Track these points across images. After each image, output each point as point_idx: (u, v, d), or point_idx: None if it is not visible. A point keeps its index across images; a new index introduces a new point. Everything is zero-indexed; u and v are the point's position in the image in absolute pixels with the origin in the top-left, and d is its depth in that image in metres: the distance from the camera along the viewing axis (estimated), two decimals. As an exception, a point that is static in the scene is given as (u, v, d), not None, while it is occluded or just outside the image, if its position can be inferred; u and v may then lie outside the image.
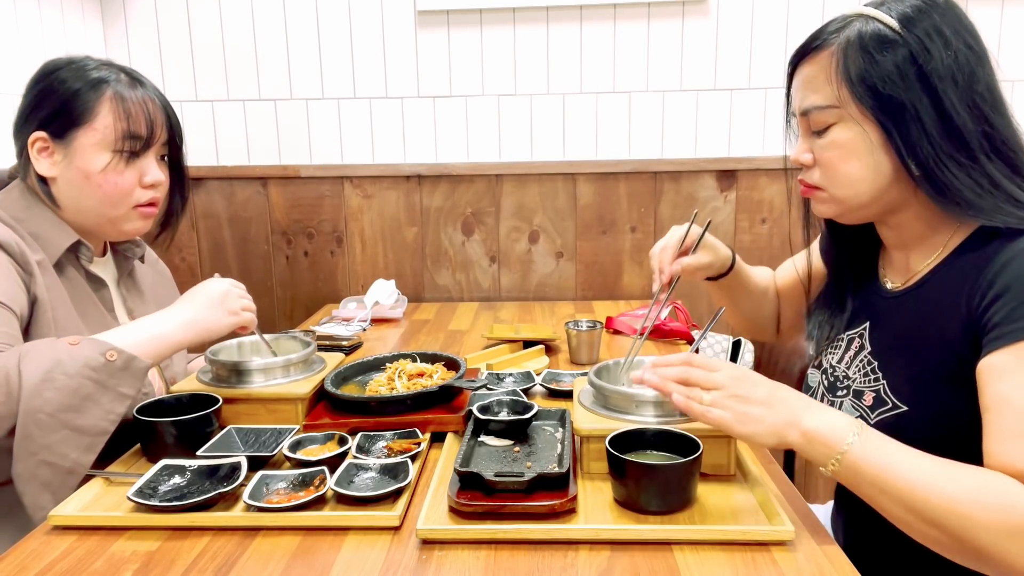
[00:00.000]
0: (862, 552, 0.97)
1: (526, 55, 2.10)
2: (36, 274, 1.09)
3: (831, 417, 0.83)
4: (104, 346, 0.99)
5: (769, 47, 2.06)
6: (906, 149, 0.87)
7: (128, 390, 1.00)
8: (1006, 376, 0.79)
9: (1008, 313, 0.80)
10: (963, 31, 0.88)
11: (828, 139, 0.93)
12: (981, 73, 0.88)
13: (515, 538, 0.84)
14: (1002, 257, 0.83)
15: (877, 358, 0.98)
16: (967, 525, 0.74)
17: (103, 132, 1.14)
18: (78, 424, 0.95)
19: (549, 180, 2.16)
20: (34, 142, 1.14)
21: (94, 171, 1.14)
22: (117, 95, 1.14)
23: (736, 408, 0.84)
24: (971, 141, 0.86)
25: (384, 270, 2.23)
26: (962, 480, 0.76)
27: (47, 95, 1.14)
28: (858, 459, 0.79)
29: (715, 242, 1.22)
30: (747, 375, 0.88)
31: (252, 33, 2.12)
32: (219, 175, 2.18)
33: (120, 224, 1.20)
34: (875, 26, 0.89)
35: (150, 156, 1.19)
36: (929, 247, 0.95)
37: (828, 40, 0.92)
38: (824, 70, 0.91)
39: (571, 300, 2.21)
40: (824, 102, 0.92)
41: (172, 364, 1.33)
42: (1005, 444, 0.77)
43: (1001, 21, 2.02)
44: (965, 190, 0.86)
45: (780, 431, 0.83)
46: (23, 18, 1.80)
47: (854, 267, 1.09)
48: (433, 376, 1.22)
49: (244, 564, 0.81)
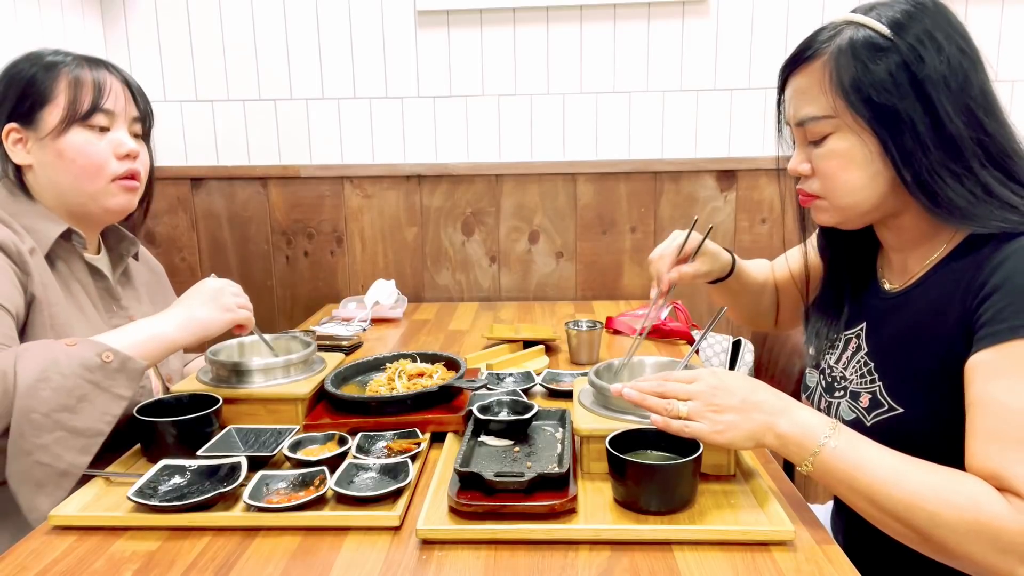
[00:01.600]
0: (863, 552, 0.97)
1: (526, 55, 2.10)
2: (33, 272, 1.09)
3: (805, 418, 0.86)
4: (100, 347, 0.99)
5: (769, 47, 2.06)
6: (901, 159, 0.87)
7: (124, 391, 1.00)
8: (990, 376, 0.79)
9: (996, 312, 0.80)
10: (955, 34, 0.88)
11: (825, 148, 0.92)
12: (975, 77, 0.87)
13: (515, 538, 0.84)
14: (996, 258, 0.83)
15: (874, 359, 0.98)
16: (934, 522, 0.76)
17: (65, 107, 1.15)
18: (73, 425, 0.95)
19: (549, 180, 2.16)
20: (8, 134, 1.16)
21: (64, 146, 1.15)
22: (73, 73, 1.17)
23: (712, 418, 0.87)
24: (965, 149, 0.86)
25: (384, 270, 2.23)
26: (930, 479, 0.78)
27: (8, 86, 1.17)
28: (830, 459, 0.82)
29: (716, 249, 1.22)
30: (722, 384, 0.89)
31: (252, 33, 2.12)
32: (219, 175, 2.18)
33: (102, 200, 1.19)
34: (866, 33, 0.88)
35: (120, 129, 1.20)
36: (928, 249, 0.95)
37: (820, 49, 0.91)
38: (818, 81, 0.91)
39: (571, 300, 2.21)
40: (820, 112, 0.91)
41: (168, 362, 1.33)
42: (982, 444, 0.78)
43: (1001, 21, 2.02)
44: (958, 199, 0.86)
45: (756, 435, 0.86)
46: (23, 18, 1.80)
47: (851, 269, 1.09)
48: (433, 376, 1.22)
49: (244, 564, 0.81)
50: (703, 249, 1.19)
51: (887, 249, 1.03)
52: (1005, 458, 0.76)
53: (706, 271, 1.20)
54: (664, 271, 1.18)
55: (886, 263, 1.04)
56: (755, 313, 1.34)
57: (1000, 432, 0.77)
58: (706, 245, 1.19)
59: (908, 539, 0.80)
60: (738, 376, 0.92)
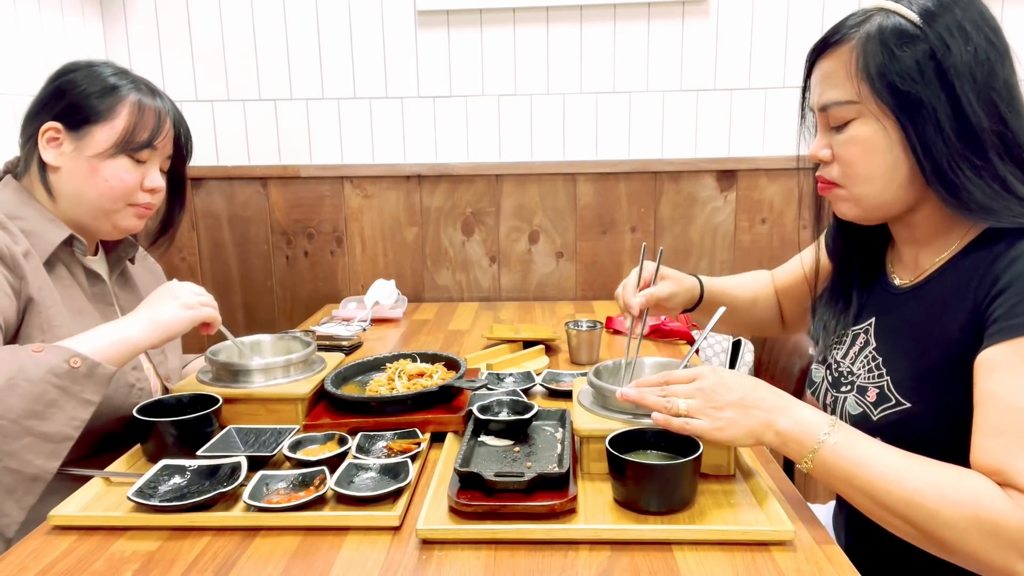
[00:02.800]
0: (865, 552, 0.97)
1: (526, 55, 2.10)
2: (27, 275, 1.08)
3: (805, 416, 0.86)
4: (68, 352, 0.98)
5: (769, 47, 2.06)
6: (922, 148, 0.87)
7: (92, 396, 0.99)
8: (999, 372, 0.79)
9: (1009, 308, 0.80)
10: (984, 26, 0.87)
11: (847, 135, 0.92)
12: (1000, 69, 0.87)
13: (515, 538, 0.84)
14: (1010, 254, 0.83)
15: (882, 354, 0.97)
16: (934, 519, 0.76)
17: (120, 132, 1.17)
18: (42, 430, 0.94)
19: (549, 180, 2.16)
20: (45, 131, 1.16)
21: (104, 166, 1.17)
22: (139, 100, 1.20)
23: (712, 415, 0.88)
24: (985, 141, 0.85)
25: (384, 270, 2.23)
26: (930, 476, 0.78)
27: (70, 88, 1.18)
28: (829, 456, 0.83)
29: (676, 273, 1.25)
30: (722, 381, 0.90)
31: (252, 33, 2.12)
32: (219, 175, 2.18)
33: (115, 219, 1.22)
34: (896, 20, 0.87)
35: (155, 163, 1.24)
36: (941, 245, 0.94)
37: (848, 34, 0.90)
38: (844, 65, 0.90)
39: (571, 300, 2.21)
40: (843, 97, 0.90)
41: (167, 361, 1.33)
42: (987, 439, 0.78)
43: (1001, 21, 2.01)
44: (976, 192, 0.85)
45: (756, 432, 0.87)
46: (23, 18, 1.80)
47: (861, 263, 1.08)
48: (433, 376, 1.22)
49: (244, 564, 0.81)
50: (661, 272, 1.22)
51: (899, 244, 1.02)
52: (1009, 453, 0.76)
53: (671, 291, 1.23)
54: (631, 298, 1.20)
55: (896, 258, 1.04)
56: (753, 324, 1.36)
57: (1005, 428, 0.77)
58: (664, 269, 1.22)
59: (909, 535, 0.80)
60: (738, 374, 0.92)
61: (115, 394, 1.15)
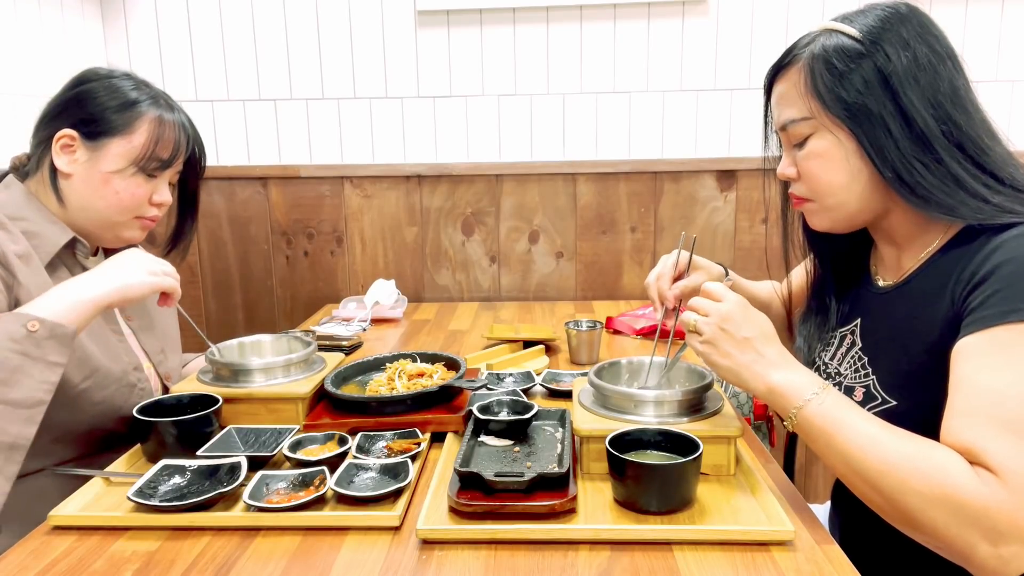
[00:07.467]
0: (857, 551, 0.97)
1: (526, 55, 2.10)
2: (19, 275, 1.08)
3: (797, 376, 0.89)
4: (25, 318, 0.97)
5: (769, 47, 2.06)
6: (875, 154, 0.91)
7: (57, 358, 0.98)
8: (973, 358, 0.80)
9: (985, 299, 0.82)
10: (926, 34, 0.91)
11: (807, 150, 0.97)
12: (944, 71, 0.90)
13: (515, 538, 0.84)
14: (985, 250, 0.85)
15: (867, 354, 1.00)
16: (902, 488, 0.77)
17: (138, 149, 1.18)
18: (11, 398, 0.93)
19: (549, 180, 2.16)
20: (60, 137, 1.16)
21: (117, 179, 1.18)
22: (159, 116, 1.20)
23: (718, 339, 0.92)
24: (934, 141, 0.88)
25: (384, 270, 2.23)
26: (904, 447, 0.79)
27: (88, 98, 1.17)
28: (812, 416, 0.85)
29: (706, 262, 1.25)
30: (745, 317, 0.92)
31: (252, 33, 2.12)
32: (219, 175, 2.18)
33: (120, 230, 1.23)
34: (838, 39, 0.93)
35: (166, 178, 1.25)
36: (920, 245, 0.97)
37: (797, 55, 0.96)
38: (795, 85, 0.96)
39: (571, 300, 2.21)
40: (798, 115, 0.96)
41: (167, 361, 1.33)
42: (957, 419, 0.79)
43: (1001, 21, 2.02)
44: (934, 190, 0.89)
45: (746, 379, 0.90)
46: (23, 18, 1.80)
47: (840, 268, 1.11)
48: (433, 376, 1.22)
49: (244, 564, 0.81)
50: (694, 264, 1.21)
51: (880, 246, 1.05)
52: (978, 433, 0.76)
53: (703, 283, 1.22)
54: (666, 289, 1.19)
55: (879, 260, 1.06)
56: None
57: (977, 408, 0.78)
58: (697, 260, 1.22)
59: (876, 505, 0.81)
60: (764, 323, 0.93)
61: (116, 394, 1.16)
